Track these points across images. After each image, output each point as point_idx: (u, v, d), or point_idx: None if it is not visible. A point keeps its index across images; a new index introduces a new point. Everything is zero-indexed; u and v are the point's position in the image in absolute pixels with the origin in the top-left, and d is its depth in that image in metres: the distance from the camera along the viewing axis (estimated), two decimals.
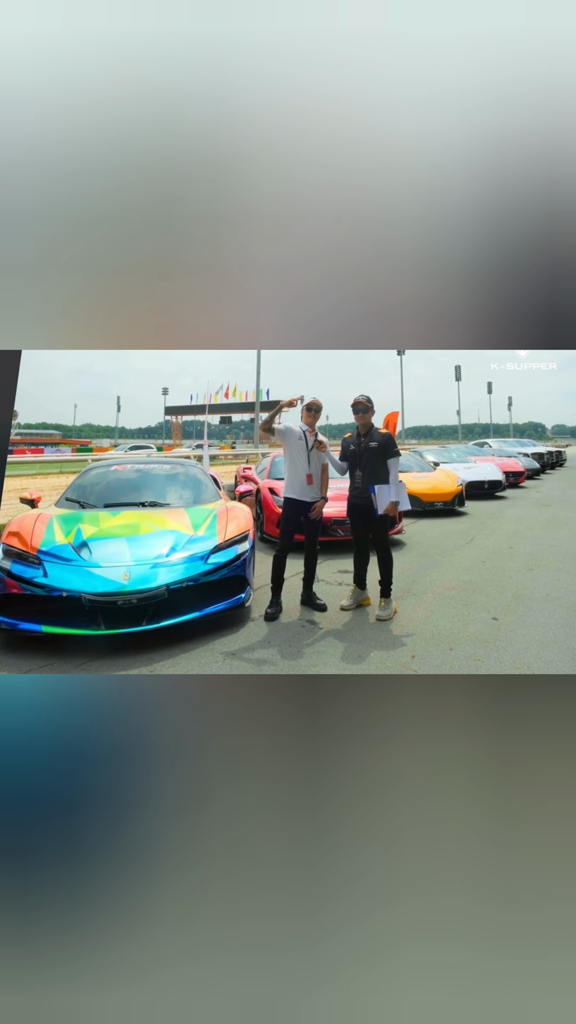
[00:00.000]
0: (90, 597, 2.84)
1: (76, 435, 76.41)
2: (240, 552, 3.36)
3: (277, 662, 2.85)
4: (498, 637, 3.14)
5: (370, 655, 2.92)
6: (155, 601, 2.94)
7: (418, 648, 3.00)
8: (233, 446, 38.32)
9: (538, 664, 2.77)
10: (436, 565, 4.87)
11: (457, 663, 2.79)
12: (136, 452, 25.05)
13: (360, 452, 3.54)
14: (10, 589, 2.91)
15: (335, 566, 4.75)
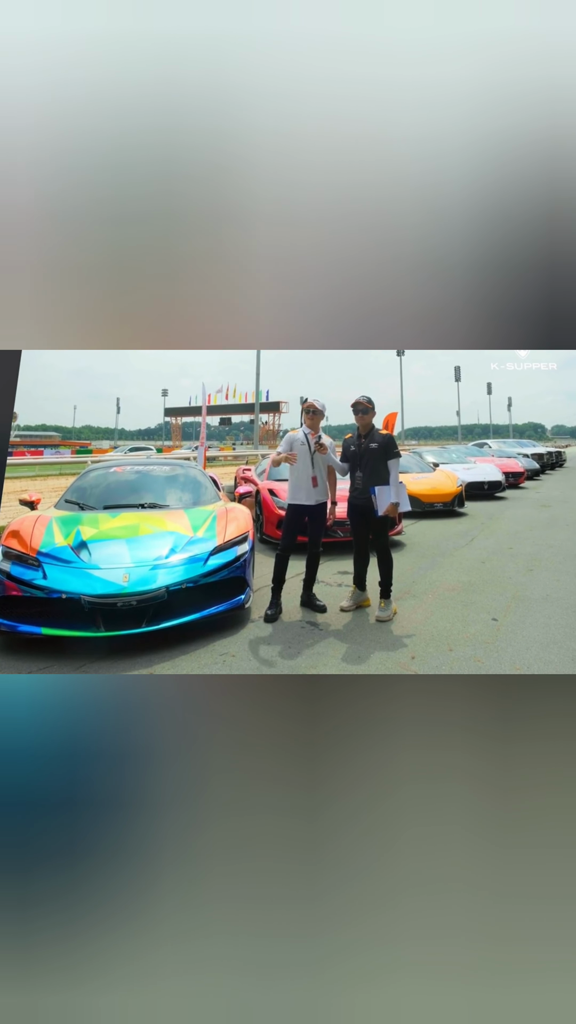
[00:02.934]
0: (89, 599, 2.83)
1: (76, 437, 76.40)
2: (240, 553, 3.35)
3: (277, 663, 2.84)
4: (498, 638, 3.14)
5: (370, 656, 2.92)
6: (155, 603, 2.94)
7: (418, 649, 3.00)
8: (233, 447, 38.38)
9: (538, 664, 2.77)
10: (436, 566, 4.87)
11: (457, 664, 2.79)
12: (136, 453, 25.06)
13: (360, 453, 3.54)
14: (9, 591, 2.91)
15: (335, 567, 4.75)
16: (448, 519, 7.54)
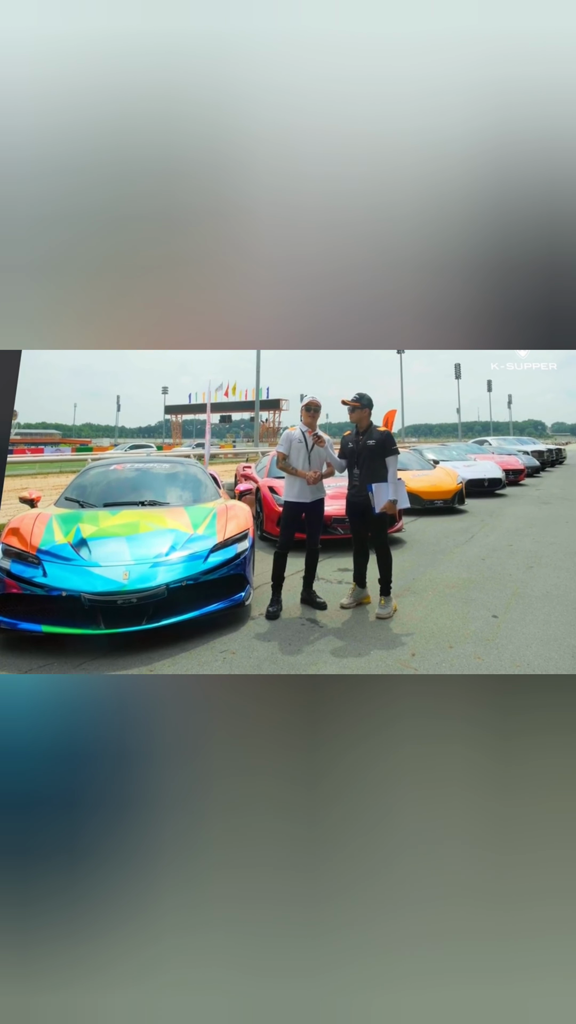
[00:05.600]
0: (90, 596, 2.84)
1: (76, 434, 76.43)
2: (240, 551, 3.36)
3: (277, 660, 2.85)
4: (498, 635, 3.15)
5: (370, 653, 2.93)
6: (155, 600, 2.95)
7: (418, 646, 3.01)
8: (234, 444, 38.37)
9: (538, 662, 2.77)
10: (436, 563, 4.88)
11: (457, 661, 2.80)
12: (136, 451, 25.05)
13: (358, 450, 3.54)
14: (10, 589, 2.91)
15: (335, 564, 4.76)
16: (448, 516, 7.54)
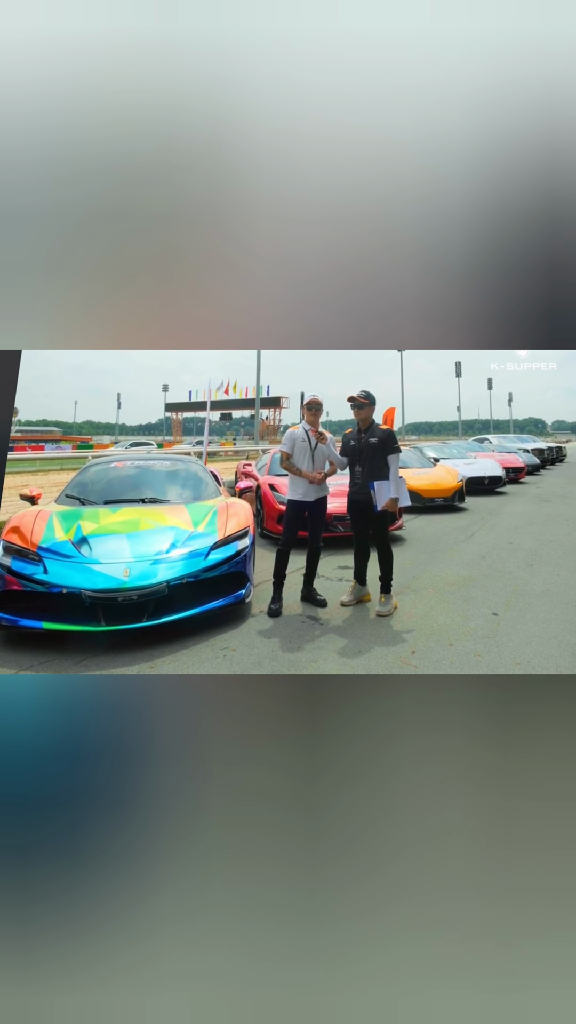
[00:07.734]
0: (90, 593, 2.85)
1: (76, 432, 76.37)
2: (240, 548, 3.36)
3: (278, 657, 2.86)
4: (498, 633, 3.15)
5: (370, 651, 2.93)
6: (155, 597, 2.95)
7: (418, 644, 3.01)
8: (234, 442, 38.35)
9: (538, 659, 2.78)
10: (436, 561, 4.88)
11: (457, 659, 2.80)
12: (136, 449, 25.05)
13: (360, 448, 3.55)
14: (10, 586, 2.92)
15: (335, 562, 4.76)
16: (448, 514, 7.54)
